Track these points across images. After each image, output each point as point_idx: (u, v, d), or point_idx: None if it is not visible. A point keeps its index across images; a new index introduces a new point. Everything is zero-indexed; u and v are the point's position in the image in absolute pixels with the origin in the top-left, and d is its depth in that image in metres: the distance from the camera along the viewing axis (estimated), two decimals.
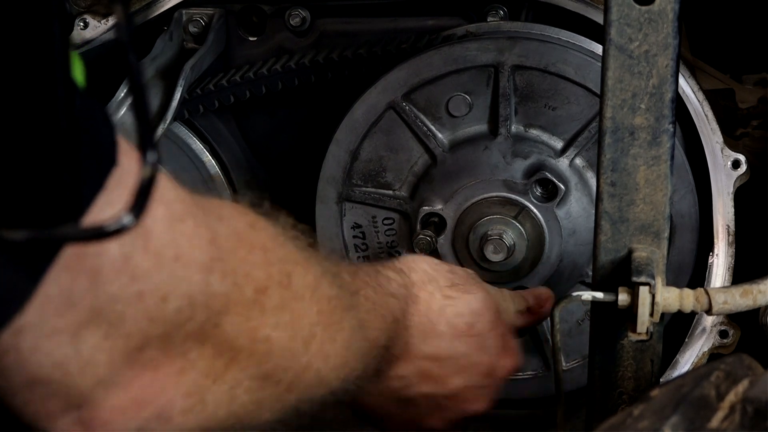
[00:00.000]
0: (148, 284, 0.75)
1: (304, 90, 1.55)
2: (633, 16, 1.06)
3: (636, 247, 1.13)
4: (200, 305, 0.79)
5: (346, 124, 1.49)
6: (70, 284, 0.71)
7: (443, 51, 1.46)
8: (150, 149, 0.66)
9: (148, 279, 0.74)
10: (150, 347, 0.77)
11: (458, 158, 1.46)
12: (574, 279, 1.48)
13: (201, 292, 0.79)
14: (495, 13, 1.52)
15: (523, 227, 1.42)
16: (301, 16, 1.55)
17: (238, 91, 1.54)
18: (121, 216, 0.65)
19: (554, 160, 1.45)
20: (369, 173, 1.51)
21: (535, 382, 1.56)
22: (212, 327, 0.81)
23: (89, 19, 1.50)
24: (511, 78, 1.45)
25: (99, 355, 0.74)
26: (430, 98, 1.47)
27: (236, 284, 0.82)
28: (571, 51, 1.45)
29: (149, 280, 0.74)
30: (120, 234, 0.65)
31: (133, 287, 0.74)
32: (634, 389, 1.18)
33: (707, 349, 1.49)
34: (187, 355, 0.80)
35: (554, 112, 1.46)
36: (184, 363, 0.80)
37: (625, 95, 1.09)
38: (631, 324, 1.09)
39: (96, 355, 0.74)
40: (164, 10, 1.52)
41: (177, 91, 1.45)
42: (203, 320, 0.80)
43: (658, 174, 1.11)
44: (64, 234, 0.66)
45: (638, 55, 1.08)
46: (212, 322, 0.81)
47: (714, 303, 1.11)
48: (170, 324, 0.77)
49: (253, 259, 0.85)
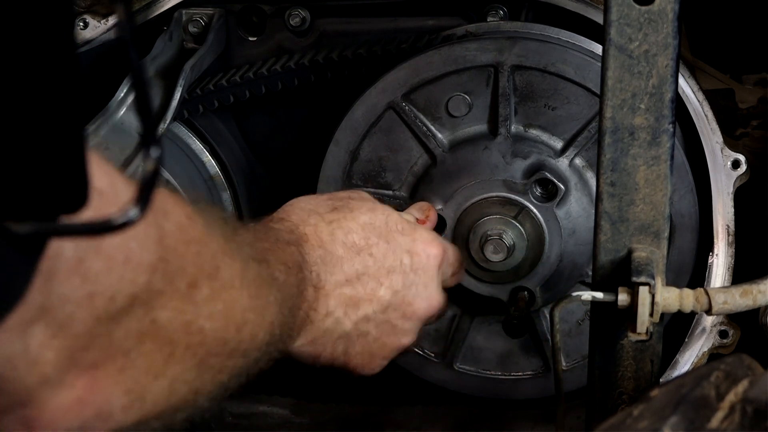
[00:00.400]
0: (99, 286, 0.75)
1: (304, 90, 1.55)
2: (633, 16, 1.06)
3: (636, 247, 1.13)
4: (141, 304, 0.80)
5: (346, 124, 1.49)
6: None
7: (443, 51, 1.46)
8: (153, 144, 0.66)
9: (99, 281, 0.75)
10: (94, 347, 0.78)
11: (458, 158, 1.46)
12: (574, 279, 1.48)
13: (144, 291, 0.80)
14: (495, 13, 1.53)
15: (523, 227, 1.42)
16: (301, 16, 1.55)
17: (237, 91, 1.54)
18: (128, 209, 0.65)
19: (554, 160, 1.45)
20: (369, 173, 1.51)
21: (535, 382, 1.56)
22: (149, 323, 0.82)
23: (89, 19, 1.51)
24: (511, 78, 1.45)
25: (46, 353, 0.75)
26: (430, 98, 1.47)
27: (172, 280, 0.83)
28: (571, 51, 1.45)
29: (100, 282, 0.75)
30: (126, 227, 0.66)
31: (84, 289, 0.75)
32: (634, 389, 1.18)
33: (707, 349, 1.49)
34: (128, 354, 0.81)
35: (554, 112, 1.46)
36: (124, 361, 0.81)
37: (625, 95, 1.09)
38: (630, 324, 1.09)
39: (43, 353, 0.75)
40: (164, 10, 1.53)
41: (177, 91, 1.45)
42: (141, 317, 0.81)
43: (658, 174, 1.11)
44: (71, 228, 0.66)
45: (638, 55, 1.08)
46: (149, 318, 0.82)
47: (714, 303, 1.11)
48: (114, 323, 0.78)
49: (188, 254, 0.86)
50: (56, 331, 0.75)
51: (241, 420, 1.65)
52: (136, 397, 0.83)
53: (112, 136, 1.44)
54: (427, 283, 1.22)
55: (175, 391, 0.87)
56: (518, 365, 1.56)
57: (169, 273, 0.82)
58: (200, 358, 0.88)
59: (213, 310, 0.88)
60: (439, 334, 1.55)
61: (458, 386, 1.57)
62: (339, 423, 1.63)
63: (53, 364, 0.76)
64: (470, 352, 1.55)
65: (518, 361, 1.56)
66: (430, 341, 1.56)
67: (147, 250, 0.79)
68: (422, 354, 1.55)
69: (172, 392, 0.86)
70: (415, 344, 1.27)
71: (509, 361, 1.56)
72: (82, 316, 0.75)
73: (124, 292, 0.78)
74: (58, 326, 0.75)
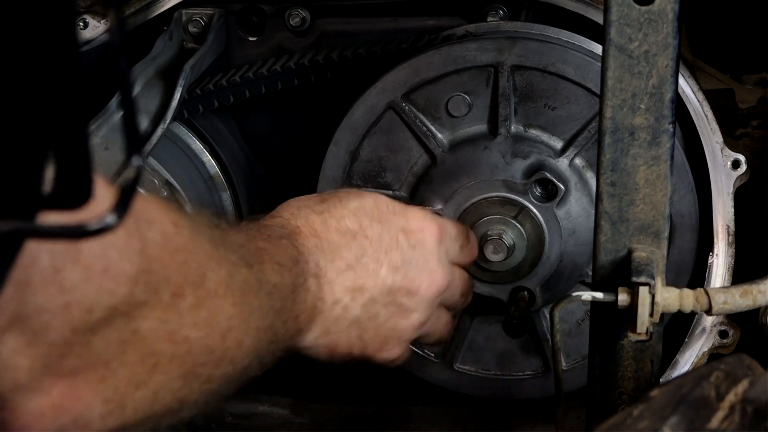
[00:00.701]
0: (76, 296, 0.75)
1: (304, 90, 1.55)
2: (633, 16, 1.06)
3: (636, 247, 1.13)
4: (122, 315, 0.80)
5: (346, 124, 1.49)
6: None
7: (443, 51, 1.46)
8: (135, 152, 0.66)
9: (76, 291, 0.75)
10: (71, 355, 0.78)
11: (458, 158, 1.46)
12: (574, 279, 1.48)
13: (125, 303, 0.79)
14: (495, 13, 1.53)
15: (523, 227, 1.42)
16: (300, 16, 1.55)
17: (237, 91, 1.54)
18: (105, 215, 0.65)
19: (554, 160, 1.45)
20: (369, 173, 1.51)
21: (535, 382, 1.56)
22: (131, 333, 0.81)
23: (89, 19, 1.51)
24: (511, 78, 1.45)
25: (20, 360, 0.75)
26: (430, 98, 1.47)
27: (156, 291, 0.83)
28: (571, 51, 1.45)
29: (77, 293, 0.75)
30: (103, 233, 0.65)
31: (61, 299, 0.74)
32: (634, 389, 1.18)
33: (707, 349, 1.49)
34: (109, 364, 0.81)
35: (554, 112, 1.46)
36: (105, 371, 0.81)
37: (625, 95, 1.09)
38: (630, 324, 1.09)
39: (17, 360, 0.75)
40: (164, 10, 1.53)
41: (177, 91, 1.45)
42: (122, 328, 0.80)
43: (658, 174, 1.11)
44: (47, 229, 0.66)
45: (638, 55, 1.07)
46: (131, 328, 0.81)
47: (714, 303, 1.11)
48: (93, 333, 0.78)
49: (173, 263, 0.85)
50: (31, 338, 0.74)
51: (241, 420, 1.65)
52: (116, 405, 0.83)
53: (112, 136, 1.44)
54: (427, 258, 1.20)
55: (159, 400, 0.86)
56: (518, 365, 1.56)
57: (152, 283, 0.82)
58: (187, 368, 0.88)
59: (197, 319, 0.87)
60: None
61: (458, 386, 1.57)
62: (339, 423, 1.63)
63: (27, 371, 0.76)
64: (470, 352, 1.55)
65: (518, 361, 1.56)
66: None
67: (128, 261, 0.79)
68: (422, 354, 1.55)
69: (156, 401, 0.86)
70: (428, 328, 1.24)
71: (509, 361, 1.56)
72: (58, 326, 0.75)
73: (102, 303, 0.77)
74: (33, 334, 0.74)
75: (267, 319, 1.00)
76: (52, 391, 0.78)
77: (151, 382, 0.85)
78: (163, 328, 0.84)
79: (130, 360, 0.82)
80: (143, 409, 0.85)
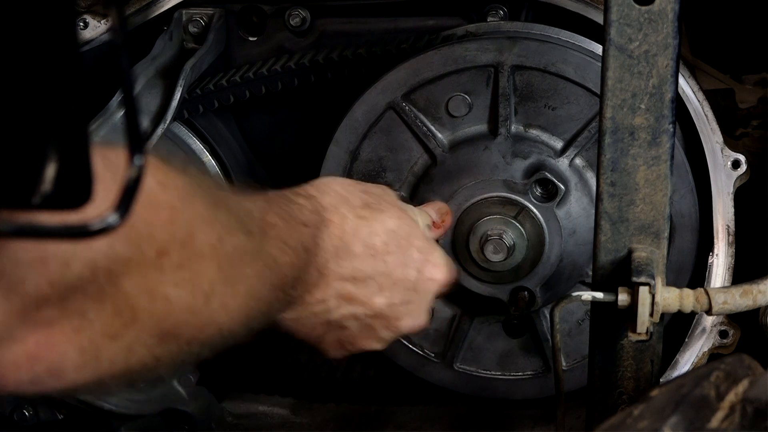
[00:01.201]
0: (52, 250, 0.75)
1: (304, 90, 1.56)
2: (633, 16, 1.06)
3: (636, 247, 1.13)
4: (102, 269, 0.80)
5: (346, 124, 1.49)
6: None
7: (443, 51, 1.46)
8: (138, 152, 0.66)
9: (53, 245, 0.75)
10: (47, 306, 0.78)
11: (458, 158, 1.46)
12: (574, 279, 1.48)
13: (104, 257, 0.79)
14: (495, 13, 1.53)
15: (523, 227, 1.42)
16: (301, 16, 1.55)
17: (237, 91, 1.54)
18: (107, 215, 0.65)
19: (554, 160, 1.45)
20: (369, 173, 1.51)
21: (535, 382, 1.56)
22: (111, 288, 0.82)
23: (89, 19, 1.51)
24: (511, 78, 1.45)
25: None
26: (430, 98, 1.47)
27: (139, 247, 0.83)
28: (571, 51, 1.45)
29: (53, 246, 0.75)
30: (105, 233, 0.66)
31: (37, 252, 0.75)
32: (634, 389, 1.18)
33: (707, 349, 1.49)
34: (85, 315, 0.81)
35: (554, 112, 1.46)
36: (81, 321, 0.81)
37: (625, 95, 1.09)
38: (631, 324, 1.09)
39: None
40: (164, 10, 1.53)
41: (177, 91, 1.45)
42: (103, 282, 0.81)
43: (658, 174, 1.11)
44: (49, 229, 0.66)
45: (638, 55, 1.08)
46: (111, 282, 0.81)
47: (714, 303, 1.11)
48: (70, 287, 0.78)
49: (157, 220, 0.85)
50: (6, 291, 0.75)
51: (241, 420, 1.66)
52: (92, 356, 0.83)
53: (112, 136, 1.44)
54: (422, 305, 1.22)
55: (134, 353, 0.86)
56: (518, 365, 1.56)
57: (133, 239, 0.81)
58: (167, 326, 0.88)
59: (179, 279, 0.87)
60: (439, 334, 1.55)
61: (458, 386, 1.57)
62: (339, 423, 1.63)
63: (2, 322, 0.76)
64: (470, 352, 1.56)
65: (518, 361, 1.56)
66: (430, 341, 1.56)
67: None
68: (422, 354, 1.56)
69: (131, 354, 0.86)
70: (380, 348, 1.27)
71: (509, 361, 1.56)
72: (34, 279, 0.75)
73: (81, 257, 0.77)
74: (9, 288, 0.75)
75: (262, 290, 1.00)
76: (27, 341, 0.79)
77: (127, 336, 0.85)
78: (144, 284, 0.84)
79: (107, 312, 0.82)
80: (119, 362, 0.85)
